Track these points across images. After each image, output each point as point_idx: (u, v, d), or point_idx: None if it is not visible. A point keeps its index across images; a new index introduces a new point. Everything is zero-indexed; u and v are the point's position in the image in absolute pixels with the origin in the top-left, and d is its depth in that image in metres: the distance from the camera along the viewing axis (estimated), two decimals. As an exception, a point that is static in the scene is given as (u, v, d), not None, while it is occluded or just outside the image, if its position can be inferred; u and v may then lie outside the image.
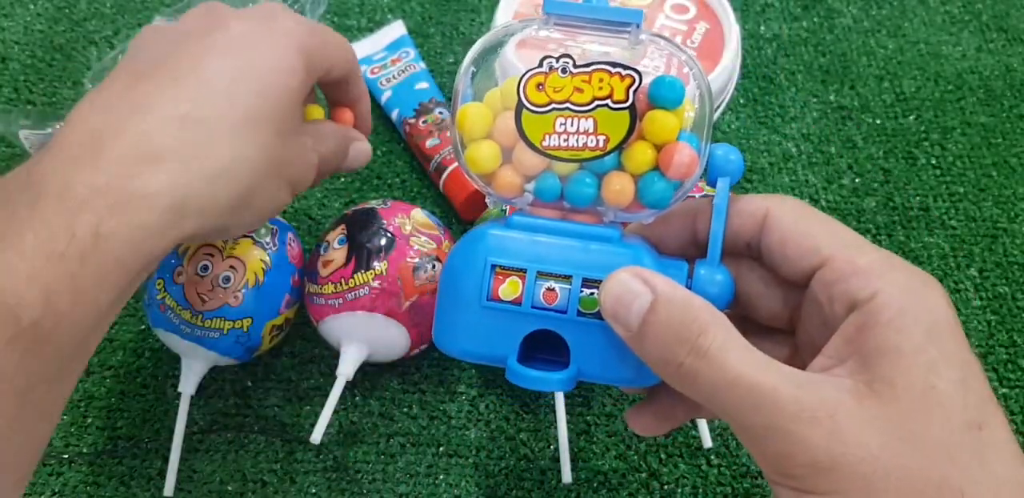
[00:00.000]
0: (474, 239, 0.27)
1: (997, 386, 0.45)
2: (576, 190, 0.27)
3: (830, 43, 0.60)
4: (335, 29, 0.59)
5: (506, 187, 0.28)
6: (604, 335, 0.26)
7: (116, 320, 0.46)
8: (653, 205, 0.27)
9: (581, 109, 0.27)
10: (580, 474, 0.42)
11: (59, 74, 0.57)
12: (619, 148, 0.27)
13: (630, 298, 0.24)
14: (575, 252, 0.27)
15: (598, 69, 0.26)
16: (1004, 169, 0.53)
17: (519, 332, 0.27)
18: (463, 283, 0.27)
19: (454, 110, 0.28)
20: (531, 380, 0.26)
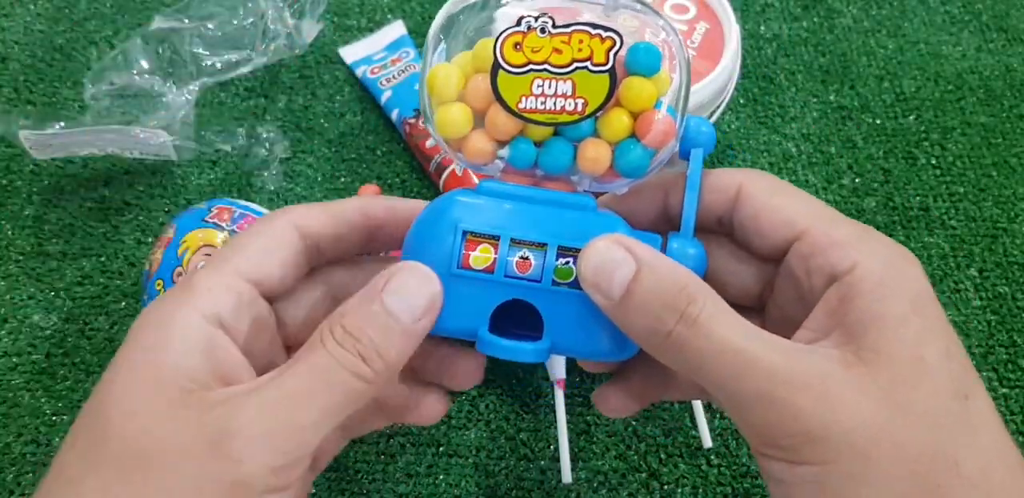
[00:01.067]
0: (443, 205, 0.26)
1: (997, 386, 0.45)
2: (551, 156, 0.26)
3: (830, 43, 0.60)
4: (335, 29, 0.60)
5: (477, 153, 0.27)
6: (579, 306, 0.25)
7: (116, 320, 0.46)
8: (629, 174, 0.26)
9: (560, 71, 0.26)
10: (580, 474, 0.42)
11: (59, 74, 0.57)
12: (597, 112, 0.26)
13: (612, 266, 0.23)
14: (549, 220, 0.26)
15: (578, 30, 0.25)
16: (1004, 169, 0.53)
17: (491, 302, 0.25)
18: (431, 250, 0.25)
19: (424, 72, 0.27)
20: (503, 349, 0.25)
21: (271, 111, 0.55)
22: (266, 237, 0.26)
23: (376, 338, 0.23)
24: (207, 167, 0.53)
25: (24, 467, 0.42)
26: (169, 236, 0.41)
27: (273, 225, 0.26)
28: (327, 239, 0.27)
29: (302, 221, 0.27)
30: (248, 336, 0.25)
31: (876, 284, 0.22)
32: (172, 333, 0.23)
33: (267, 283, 0.26)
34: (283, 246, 0.26)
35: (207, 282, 0.24)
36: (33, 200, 0.51)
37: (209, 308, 0.24)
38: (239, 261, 0.25)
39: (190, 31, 0.55)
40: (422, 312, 0.24)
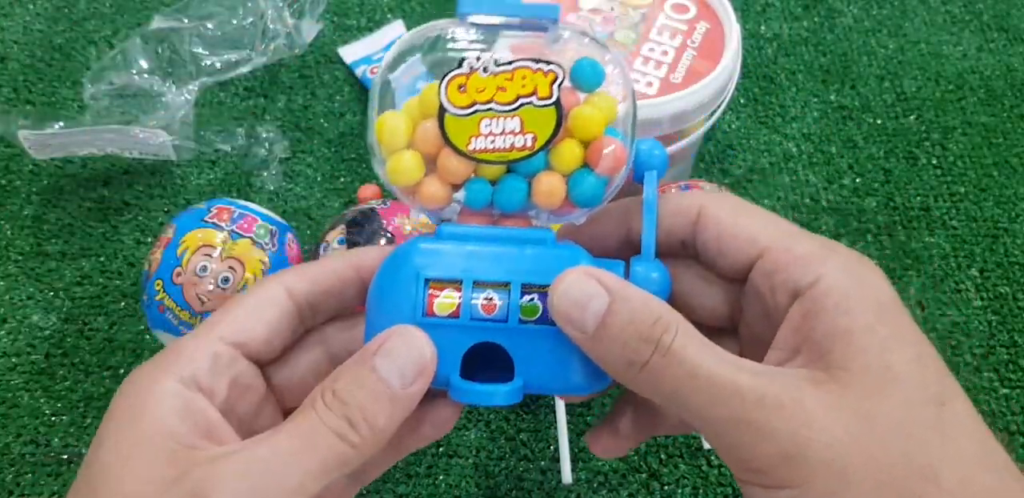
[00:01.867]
0: (403, 254, 0.26)
1: (998, 386, 0.45)
2: (506, 194, 0.26)
3: (831, 43, 0.59)
4: (334, 29, 0.59)
5: (432, 198, 0.27)
6: (548, 343, 0.25)
7: (115, 320, 0.46)
8: (585, 203, 0.26)
9: (506, 108, 0.26)
10: (580, 474, 0.42)
11: (58, 74, 0.57)
12: (547, 146, 0.26)
13: (584, 300, 0.23)
14: (510, 258, 0.26)
15: (520, 66, 0.25)
16: (1005, 169, 0.53)
17: (460, 347, 0.25)
18: (395, 301, 0.25)
19: (371, 121, 0.27)
20: (476, 395, 0.25)
21: (271, 111, 0.55)
22: (253, 300, 0.26)
23: (365, 403, 0.23)
24: (206, 167, 0.53)
25: (23, 467, 0.41)
26: (168, 236, 0.41)
27: (261, 289, 0.27)
28: (320, 297, 0.27)
29: (291, 282, 0.27)
30: (229, 397, 0.25)
31: (840, 297, 0.22)
32: (150, 398, 0.24)
33: (252, 345, 0.26)
34: (270, 308, 0.26)
35: (187, 348, 0.25)
36: (32, 200, 0.51)
37: (186, 372, 0.24)
38: (222, 325, 0.26)
39: (189, 31, 0.55)
40: (413, 377, 0.24)
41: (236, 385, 0.25)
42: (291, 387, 0.28)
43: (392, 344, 0.24)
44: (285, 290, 0.27)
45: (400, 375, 0.24)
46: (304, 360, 0.28)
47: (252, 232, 0.41)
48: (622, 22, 0.45)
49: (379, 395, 0.24)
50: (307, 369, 0.28)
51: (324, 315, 0.28)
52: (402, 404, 0.24)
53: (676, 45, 0.43)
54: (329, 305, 0.28)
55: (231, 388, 0.25)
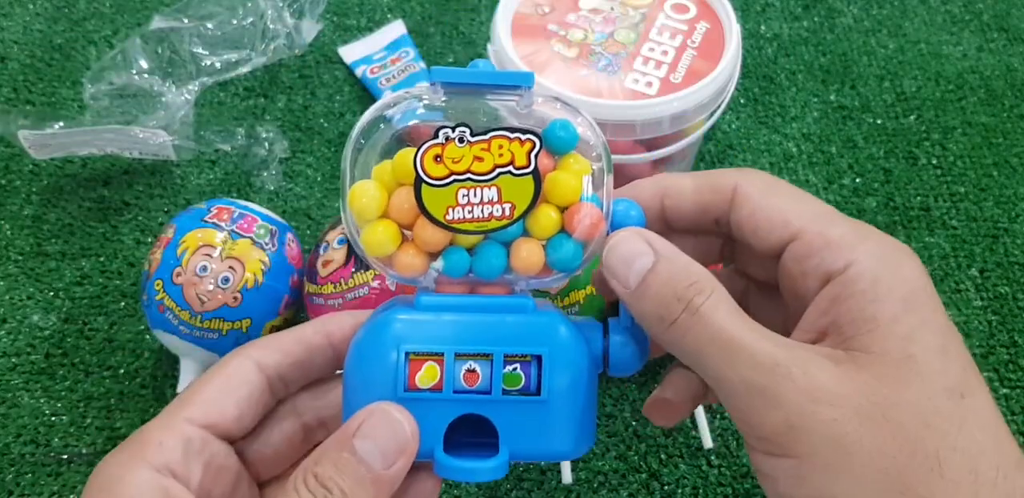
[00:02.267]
0: (381, 326, 0.26)
1: (998, 386, 0.45)
2: (485, 262, 0.26)
3: (831, 43, 0.59)
4: (334, 29, 0.59)
5: (408, 267, 0.26)
6: (532, 412, 0.25)
7: (115, 320, 0.46)
8: (563, 268, 0.26)
9: (483, 178, 0.26)
10: (580, 474, 0.42)
11: (58, 74, 0.57)
12: (525, 215, 0.26)
13: (632, 257, 0.24)
14: (491, 327, 0.25)
15: (497, 135, 0.25)
16: (1005, 169, 0.53)
17: (443, 421, 0.25)
18: (375, 376, 0.25)
19: (344, 189, 0.26)
20: (463, 472, 0.24)
21: (270, 111, 0.55)
22: (220, 379, 0.26)
23: (347, 488, 0.23)
24: (206, 167, 0.53)
25: (23, 467, 0.41)
26: (168, 236, 0.41)
27: (228, 366, 0.27)
28: (290, 369, 0.27)
29: (259, 355, 0.27)
30: (203, 481, 0.25)
31: (869, 284, 0.22)
32: (125, 490, 0.23)
33: (223, 425, 0.26)
34: (239, 386, 0.26)
35: (156, 434, 0.25)
36: (32, 200, 0.51)
37: (158, 460, 0.24)
38: (190, 408, 0.26)
39: (189, 31, 0.55)
40: (395, 457, 0.24)
41: (210, 467, 0.25)
42: (265, 460, 0.28)
43: (371, 424, 0.24)
44: (255, 365, 0.27)
45: (381, 456, 0.24)
46: (277, 432, 0.28)
47: (252, 232, 0.41)
48: (622, 22, 0.45)
49: (361, 479, 0.23)
50: (281, 441, 0.28)
51: (296, 385, 0.28)
52: (385, 485, 0.24)
53: (676, 45, 0.43)
54: (300, 375, 0.28)
55: (205, 471, 0.25)
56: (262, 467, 0.28)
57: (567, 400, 0.25)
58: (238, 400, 0.26)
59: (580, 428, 0.26)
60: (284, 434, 0.28)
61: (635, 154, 0.44)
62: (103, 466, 0.24)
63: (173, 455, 0.24)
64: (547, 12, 0.45)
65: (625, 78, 0.42)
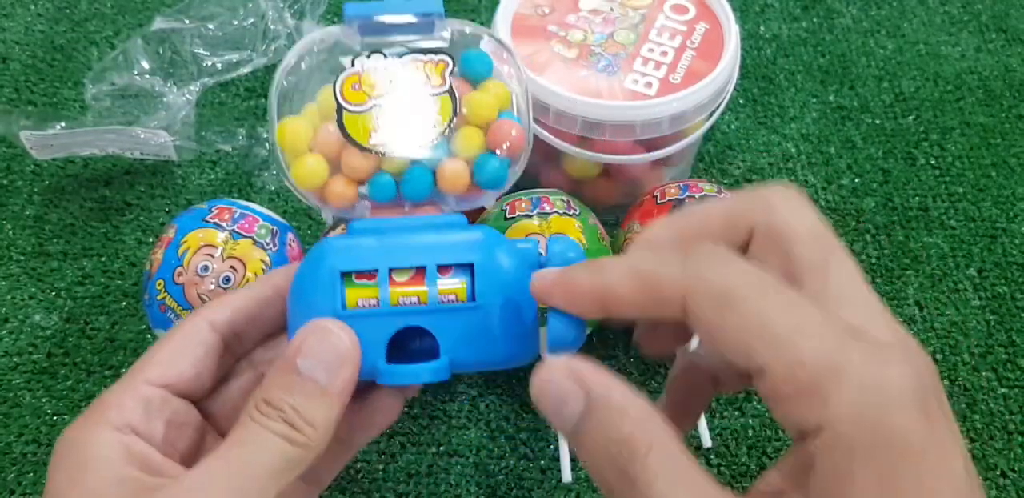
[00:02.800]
0: (317, 253, 0.26)
1: (996, 386, 0.45)
2: (411, 184, 0.27)
3: (829, 43, 0.60)
4: (335, 29, 0.60)
5: (340, 197, 0.27)
6: (469, 319, 0.25)
7: (117, 320, 0.46)
8: (490, 185, 0.27)
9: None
10: (580, 473, 0.42)
11: (60, 74, 0.57)
12: (445, 132, 0.26)
13: (562, 400, 0.21)
14: (423, 243, 0.26)
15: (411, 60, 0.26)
16: (1003, 169, 0.53)
17: (383, 336, 0.25)
18: (314, 299, 0.25)
19: (272, 128, 0.27)
20: (402, 376, 0.25)
21: (271, 111, 0.55)
22: (175, 340, 0.27)
23: (298, 404, 0.24)
24: (208, 167, 0.53)
25: (25, 467, 0.42)
26: (170, 236, 0.41)
27: (183, 327, 0.27)
28: (244, 325, 0.28)
29: (210, 315, 0.27)
30: (167, 436, 0.26)
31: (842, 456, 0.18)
32: (90, 449, 0.24)
33: (180, 384, 0.26)
34: (194, 346, 0.27)
35: (115, 398, 0.25)
36: (34, 200, 0.51)
37: (119, 420, 0.25)
38: (147, 369, 0.26)
39: (191, 31, 0.55)
40: (338, 368, 0.24)
41: (172, 424, 0.26)
42: (227, 415, 0.28)
43: (310, 342, 0.24)
44: (208, 324, 0.27)
45: (325, 370, 0.24)
46: (235, 387, 0.29)
47: (253, 232, 0.41)
48: (622, 23, 0.45)
49: (310, 393, 0.24)
50: (239, 395, 0.28)
51: (252, 341, 0.29)
52: (335, 397, 0.24)
53: (675, 46, 0.44)
54: (255, 330, 0.28)
55: (168, 428, 0.26)
56: (224, 421, 0.28)
57: (501, 307, 0.25)
58: (194, 359, 0.27)
59: (519, 335, 0.26)
60: (241, 388, 0.28)
61: (635, 154, 0.44)
62: (66, 432, 0.25)
63: (133, 414, 0.25)
64: (547, 13, 0.45)
65: (625, 79, 0.42)
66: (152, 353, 0.27)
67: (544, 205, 0.41)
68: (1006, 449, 0.43)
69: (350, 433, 0.28)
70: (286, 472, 0.24)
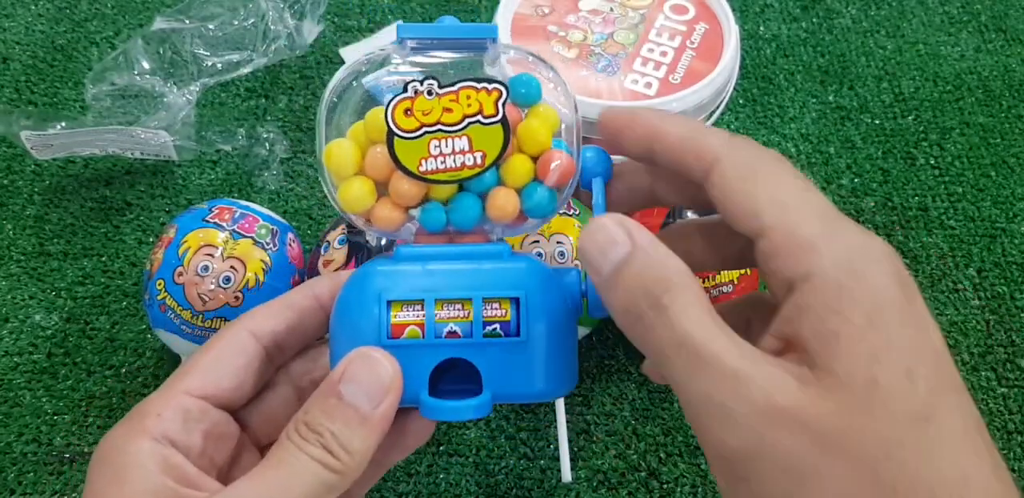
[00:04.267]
0: (362, 278, 0.26)
1: (996, 385, 0.45)
2: (461, 213, 0.27)
3: (829, 43, 0.60)
4: (335, 30, 0.60)
5: (386, 221, 0.27)
6: (512, 353, 0.25)
7: (117, 320, 0.46)
8: (538, 214, 0.27)
9: (453, 129, 0.26)
10: (580, 473, 0.42)
11: (60, 75, 0.57)
12: (497, 162, 0.26)
13: (608, 245, 0.23)
14: (469, 274, 0.26)
15: (464, 87, 0.26)
16: (1003, 169, 0.54)
17: (427, 366, 0.25)
18: (358, 325, 0.25)
19: (319, 149, 0.27)
20: (447, 411, 0.25)
21: (272, 111, 0.55)
22: (216, 350, 0.27)
23: (337, 431, 0.24)
24: (208, 167, 0.53)
25: (25, 466, 0.42)
26: (170, 236, 0.41)
27: (223, 337, 0.27)
28: (284, 335, 0.28)
29: (252, 324, 0.27)
30: (205, 449, 0.26)
31: (831, 296, 0.21)
32: (128, 460, 0.24)
33: (221, 395, 0.26)
34: (234, 355, 0.27)
35: (155, 407, 0.25)
36: (34, 200, 0.51)
37: (157, 430, 0.25)
38: (187, 380, 0.26)
39: (191, 32, 0.55)
40: (380, 397, 0.24)
41: (210, 436, 0.26)
42: (265, 427, 0.28)
43: (355, 368, 0.24)
44: (249, 334, 0.27)
45: (367, 398, 0.24)
46: (273, 399, 0.28)
47: (253, 232, 0.41)
48: (621, 23, 0.45)
49: (350, 420, 0.24)
50: (278, 407, 0.28)
51: (292, 350, 0.29)
52: (375, 426, 0.24)
53: (675, 46, 0.44)
54: (295, 340, 0.28)
55: (206, 440, 0.26)
56: (261, 433, 0.28)
57: (546, 341, 0.26)
58: (235, 369, 0.26)
59: (561, 368, 0.26)
60: (280, 400, 0.28)
61: (634, 154, 0.44)
62: (105, 439, 0.25)
63: (172, 425, 0.25)
64: (547, 13, 0.45)
65: (624, 79, 0.42)
66: (193, 362, 0.27)
67: (544, 205, 0.41)
68: (1006, 449, 0.43)
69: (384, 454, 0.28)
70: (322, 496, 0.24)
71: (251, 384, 0.27)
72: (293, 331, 0.28)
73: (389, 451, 0.28)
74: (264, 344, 0.27)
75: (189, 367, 0.26)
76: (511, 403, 0.27)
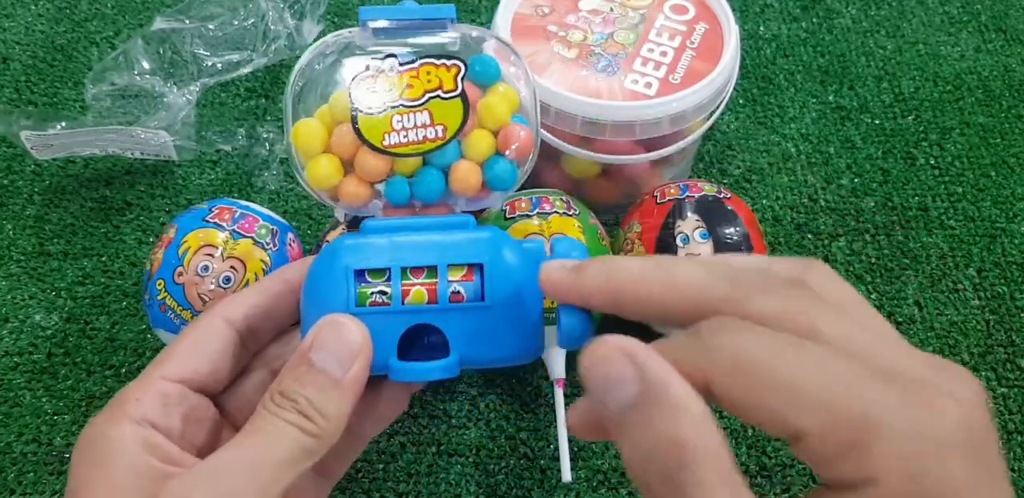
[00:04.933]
0: (330, 250, 0.27)
1: (996, 385, 0.45)
2: (424, 185, 0.28)
3: (829, 43, 0.60)
4: (335, 30, 0.60)
5: (353, 197, 0.28)
6: (478, 317, 0.26)
7: (117, 320, 0.46)
8: (500, 186, 0.28)
9: (414, 103, 0.27)
10: (580, 473, 0.42)
11: (60, 75, 0.57)
12: (458, 135, 0.27)
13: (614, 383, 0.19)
14: (434, 243, 0.26)
15: (424, 63, 0.27)
16: (1003, 169, 0.54)
17: (395, 333, 0.26)
18: (326, 296, 0.26)
19: (287, 129, 0.28)
20: (413, 373, 0.25)
21: (272, 111, 0.55)
22: (191, 337, 0.27)
23: (311, 396, 0.24)
24: (208, 167, 0.53)
25: (25, 466, 0.42)
26: (170, 236, 0.41)
27: (198, 323, 0.28)
28: (258, 319, 0.28)
29: (225, 311, 0.28)
30: (185, 431, 0.26)
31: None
32: (110, 443, 0.25)
33: (197, 379, 0.27)
34: (209, 341, 0.27)
35: (133, 393, 0.26)
36: (34, 200, 0.51)
37: (138, 415, 0.25)
38: (164, 366, 0.27)
39: (191, 32, 0.55)
40: (350, 361, 0.25)
41: (189, 419, 0.27)
42: (242, 410, 0.29)
43: (324, 335, 0.25)
44: (223, 320, 0.28)
45: (338, 363, 0.25)
46: (250, 383, 0.29)
47: (253, 232, 0.41)
48: (622, 23, 0.45)
49: (322, 386, 0.24)
50: (254, 392, 0.29)
51: (266, 336, 0.29)
52: (347, 389, 0.25)
53: (675, 46, 0.44)
54: (269, 325, 0.29)
55: (185, 422, 0.26)
56: (240, 416, 0.29)
57: (510, 306, 0.26)
58: (210, 354, 0.27)
59: (526, 333, 0.26)
60: (256, 384, 0.29)
61: (634, 154, 0.44)
62: (87, 427, 0.26)
63: (152, 409, 0.25)
64: (547, 13, 0.45)
65: (624, 79, 0.42)
66: (169, 349, 0.27)
67: (544, 205, 0.41)
68: (1006, 449, 0.43)
69: (359, 425, 0.29)
70: (299, 461, 0.24)
71: (227, 368, 0.28)
72: (266, 315, 0.28)
73: (365, 422, 0.29)
74: (238, 329, 0.28)
75: (165, 355, 0.27)
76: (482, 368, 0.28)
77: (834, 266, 0.49)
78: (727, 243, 0.40)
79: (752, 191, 0.52)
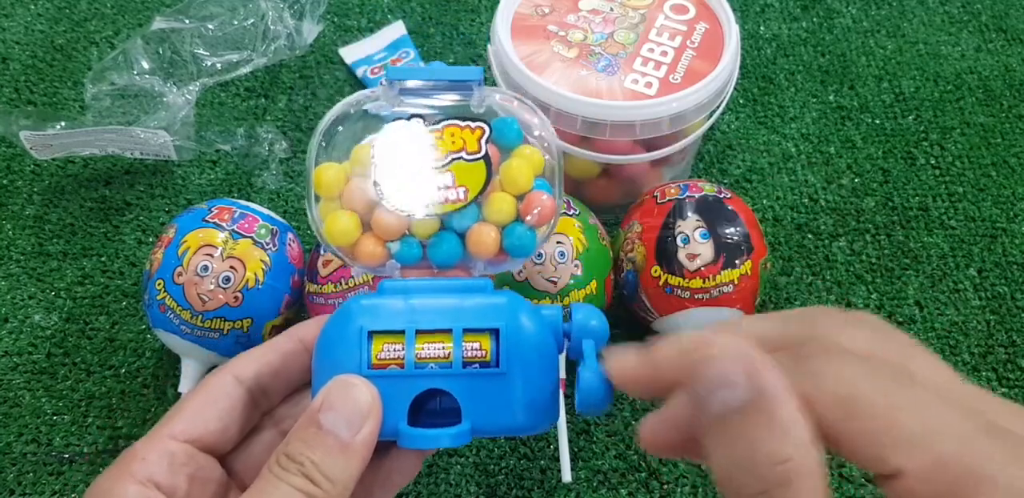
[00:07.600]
0: (345, 311, 0.26)
1: (996, 385, 0.45)
2: (440, 250, 0.27)
3: (829, 43, 0.60)
4: (335, 30, 0.60)
5: (369, 256, 0.28)
6: (492, 385, 0.25)
7: (117, 320, 0.46)
8: (519, 253, 0.27)
9: (438, 164, 0.27)
10: (580, 473, 0.42)
11: (60, 74, 0.57)
12: (479, 197, 0.27)
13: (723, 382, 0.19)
14: (450, 306, 0.26)
15: (449, 124, 0.27)
16: (1003, 169, 0.53)
17: (407, 397, 0.25)
18: (339, 357, 0.25)
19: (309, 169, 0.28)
20: (423, 440, 0.25)
21: (271, 111, 0.55)
22: (202, 395, 0.27)
23: (318, 459, 0.24)
24: (207, 167, 0.53)
25: (25, 466, 0.42)
26: (170, 236, 0.41)
27: (208, 383, 0.27)
28: (270, 378, 0.28)
29: (236, 369, 0.27)
30: (190, 492, 0.26)
31: None
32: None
33: (206, 438, 0.26)
34: (219, 399, 0.27)
35: (141, 451, 0.25)
36: (34, 200, 0.51)
37: (143, 474, 0.25)
38: (172, 424, 0.26)
39: (190, 31, 0.55)
40: (360, 424, 0.24)
41: (195, 480, 0.26)
42: (250, 472, 0.28)
43: (333, 396, 0.24)
44: (233, 378, 0.27)
45: (347, 425, 0.24)
46: (259, 443, 0.28)
47: (253, 232, 0.41)
48: (622, 23, 0.45)
49: (330, 449, 0.24)
50: (263, 452, 0.28)
51: (278, 395, 0.29)
52: (356, 453, 0.24)
53: (676, 46, 0.44)
54: (280, 384, 0.28)
55: (191, 483, 0.26)
56: (247, 478, 0.28)
57: (526, 373, 0.25)
58: (219, 414, 0.27)
59: (541, 402, 0.26)
60: (266, 445, 0.28)
61: (634, 154, 0.44)
62: (94, 484, 0.25)
63: (157, 469, 0.25)
64: (547, 13, 0.45)
65: (625, 78, 0.42)
66: (179, 406, 0.27)
67: (544, 205, 0.41)
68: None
69: (369, 491, 0.28)
70: None
71: (236, 428, 0.27)
72: (278, 374, 0.28)
73: (375, 489, 0.28)
74: (248, 387, 0.27)
75: (175, 412, 0.26)
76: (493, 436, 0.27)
77: (834, 266, 0.49)
78: (727, 243, 0.40)
79: (752, 191, 0.52)
